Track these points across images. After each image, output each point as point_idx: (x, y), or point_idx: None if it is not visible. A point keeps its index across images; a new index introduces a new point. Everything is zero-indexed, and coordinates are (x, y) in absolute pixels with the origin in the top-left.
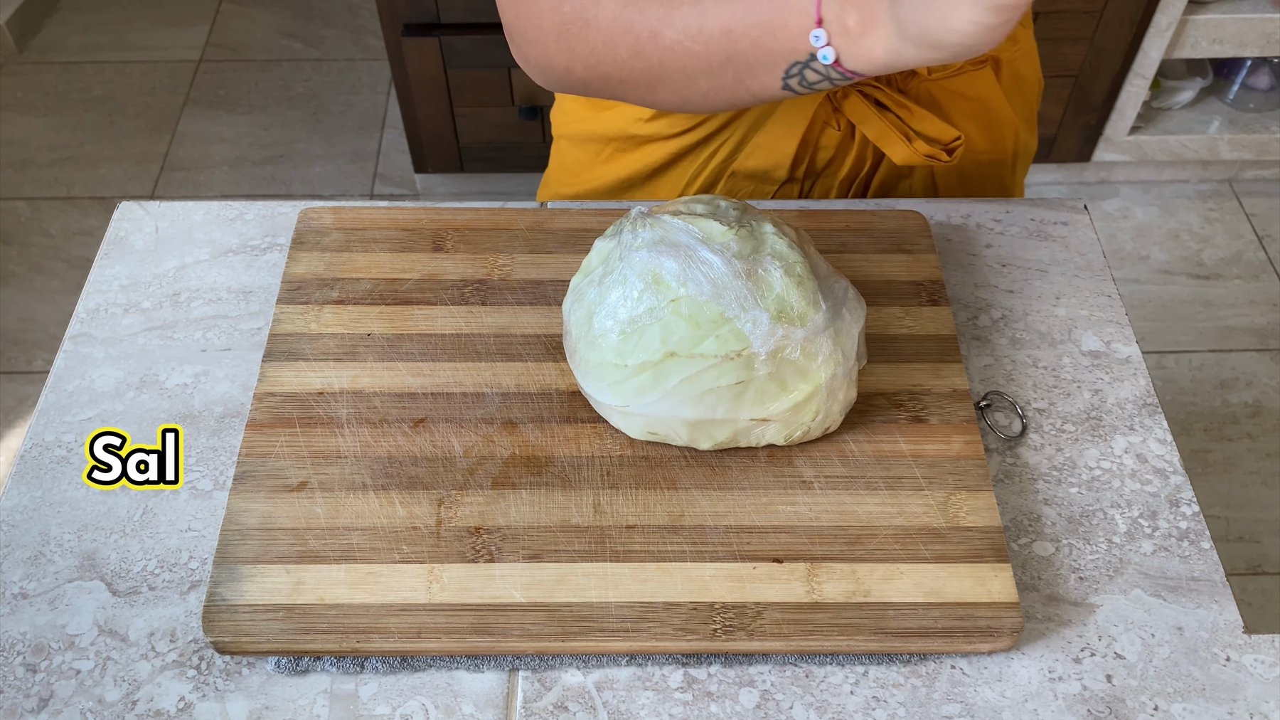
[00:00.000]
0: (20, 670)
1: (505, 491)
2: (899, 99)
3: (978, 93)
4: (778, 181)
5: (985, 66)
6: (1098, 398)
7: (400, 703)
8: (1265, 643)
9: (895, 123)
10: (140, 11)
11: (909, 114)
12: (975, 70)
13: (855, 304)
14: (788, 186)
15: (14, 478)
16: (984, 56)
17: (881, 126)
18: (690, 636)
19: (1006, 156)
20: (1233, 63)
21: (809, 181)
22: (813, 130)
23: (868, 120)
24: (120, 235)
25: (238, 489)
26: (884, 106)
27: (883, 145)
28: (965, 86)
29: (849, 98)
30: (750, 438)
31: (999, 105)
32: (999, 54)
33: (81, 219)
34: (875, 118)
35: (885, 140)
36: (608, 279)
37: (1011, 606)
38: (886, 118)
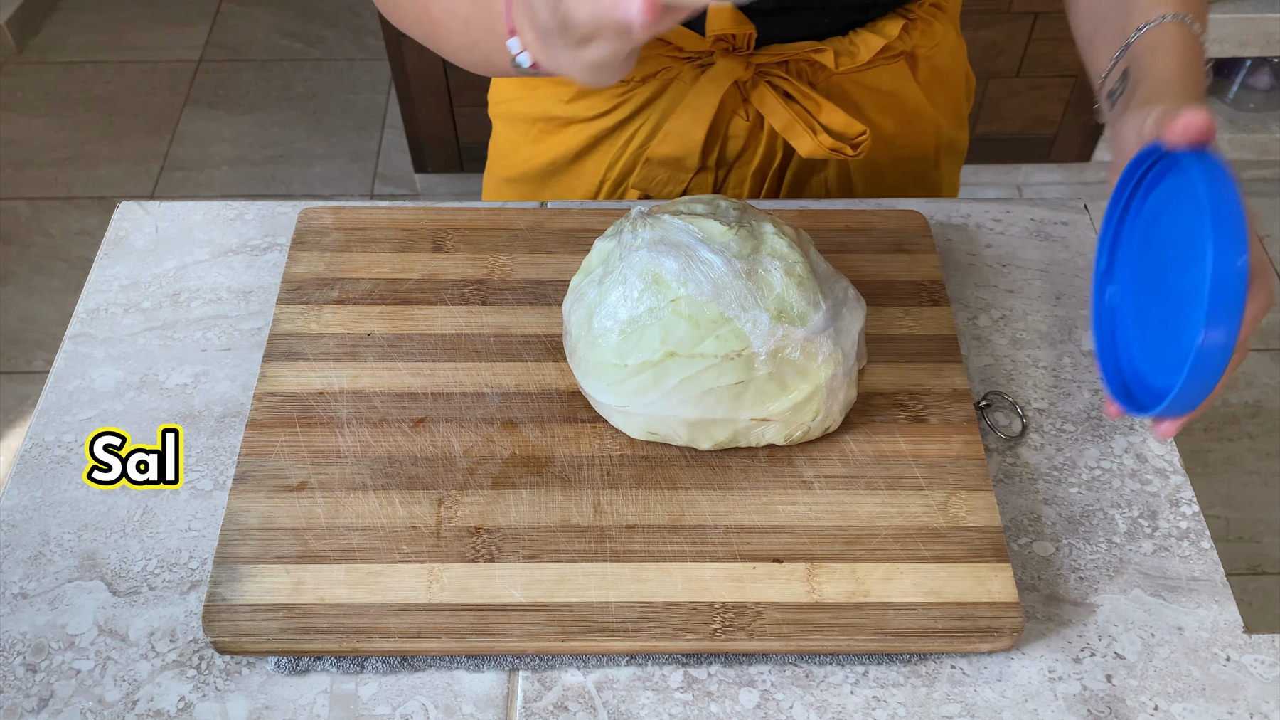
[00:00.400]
0: (20, 670)
1: (505, 491)
2: (806, 91)
3: (890, 86)
4: (690, 170)
5: (899, 60)
6: (1098, 397)
7: (400, 703)
8: (1265, 643)
9: (801, 114)
10: (140, 11)
11: (815, 106)
12: (887, 64)
13: (855, 304)
14: (701, 176)
15: (14, 478)
16: (896, 50)
17: (788, 118)
18: (690, 636)
19: (928, 151)
20: (1233, 63)
21: (721, 171)
22: (721, 118)
23: (774, 111)
24: (120, 235)
25: (238, 489)
26: (792, 98)
27: (788, 137)
28: (876, 80)
29: (757, 87)
30: (750, 438)
31: (914, 99)
32: (914, 49)
33: (81, 219)
34: (782, 109)
35: (791, 132)
36: (608, 279)
37: (1011, 606)
38: (793, 109)
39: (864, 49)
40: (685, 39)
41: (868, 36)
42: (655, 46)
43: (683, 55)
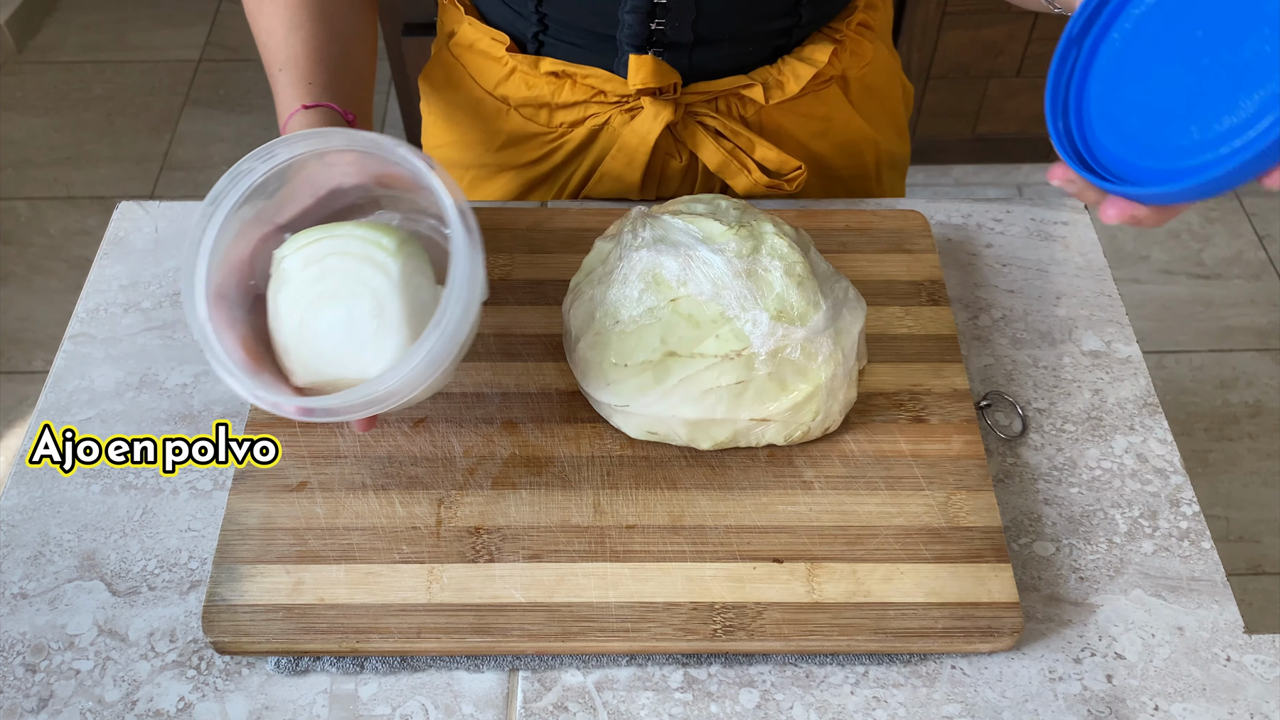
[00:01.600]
0: (20, 670)
1: (505, 491)
2: (737, 129)
3: (824, 112)
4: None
5: (830, 85)
6: (1098, 397)
7: (400, 703)
8: (1265, 643)
9: (735, 153)
10: (140, 11)
11: (749, 144)
12: (818, 90)
13: (855, 304)
14: None
15: (14, 478)
16: (827, 75)
17: (722, 158)
18: (690, 636)
19: (867, 169)
20: None
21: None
22: (655, 161)
23: (708, 151)
24: (120, 235)
25: (237, 489)
26: (724, 135)
27: (724, 176)
28: (810, 108)
29: (688, 128)
30: (750, 437)
31: (849, 122)
32: (846, 71)
33: (81, 219)
34: (714, 149)
35: (726, 171)
36: (608, 279)
37: (1012, 606)
38: (725, 146)
39: (792, 80)
40: (608, 83)
41: (796, 65)
42: (580, 92)
43: (608, 100)
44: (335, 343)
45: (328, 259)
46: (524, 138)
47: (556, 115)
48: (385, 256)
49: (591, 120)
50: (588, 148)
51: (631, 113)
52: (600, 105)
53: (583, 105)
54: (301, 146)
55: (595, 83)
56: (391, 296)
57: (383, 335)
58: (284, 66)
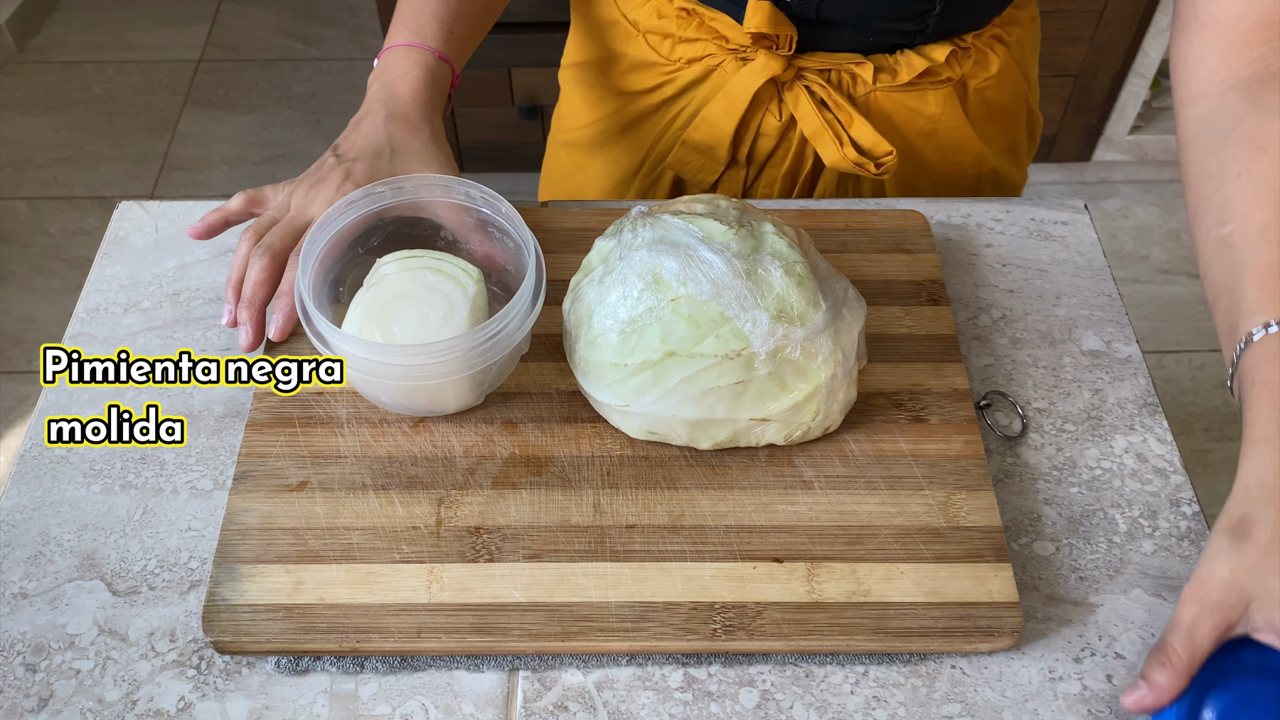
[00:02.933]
0: (20, 670)
1: (505, 491)
2: (840, 101)
3: (933, 112)
4: (721, 161)
5: (945, 85)
6: (1098, 397)
7: (400, 702)
8: None
9: (832, 123)
10: (140, 11)
11: (847, 118)
12: (931, 88)
13: (855, 304)
14: (733, 171)
15: (14, 478)
16: (942, 75)
17: (818, 124)
18: (690, 636)
19: (967, 182)
20: None
21: (753, 169)
22: (752, 113)
23: (806, 115)
24: (120, 235)
25: (238, 489)
26: (826, 106)
27: (815, 144)
28: (918, 102)
29: (793, 89)
30: (750, 437)
31: (958, 128)
32: (964, 77)
33: (81, 219)
34: (814, 114)
35: (819, 139)
36: (608, 278)
37: (1012, 606)
38: (825, 116)
39: (905, 69)
40: (731, 29)
41: (912, 57)
42: (704, 32)
43: (727, 45)
44: (406, 330)
45: (423, 271)
46: (644, 64)
47: (678, 49)
48: (468, 280)
49: (708, 59)
50: (697, 86)
51: (744, 61)
52: (718, 48)
53: (703, 43)
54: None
55: (719, 26)
56: (462, 307)
57: (445, 331)
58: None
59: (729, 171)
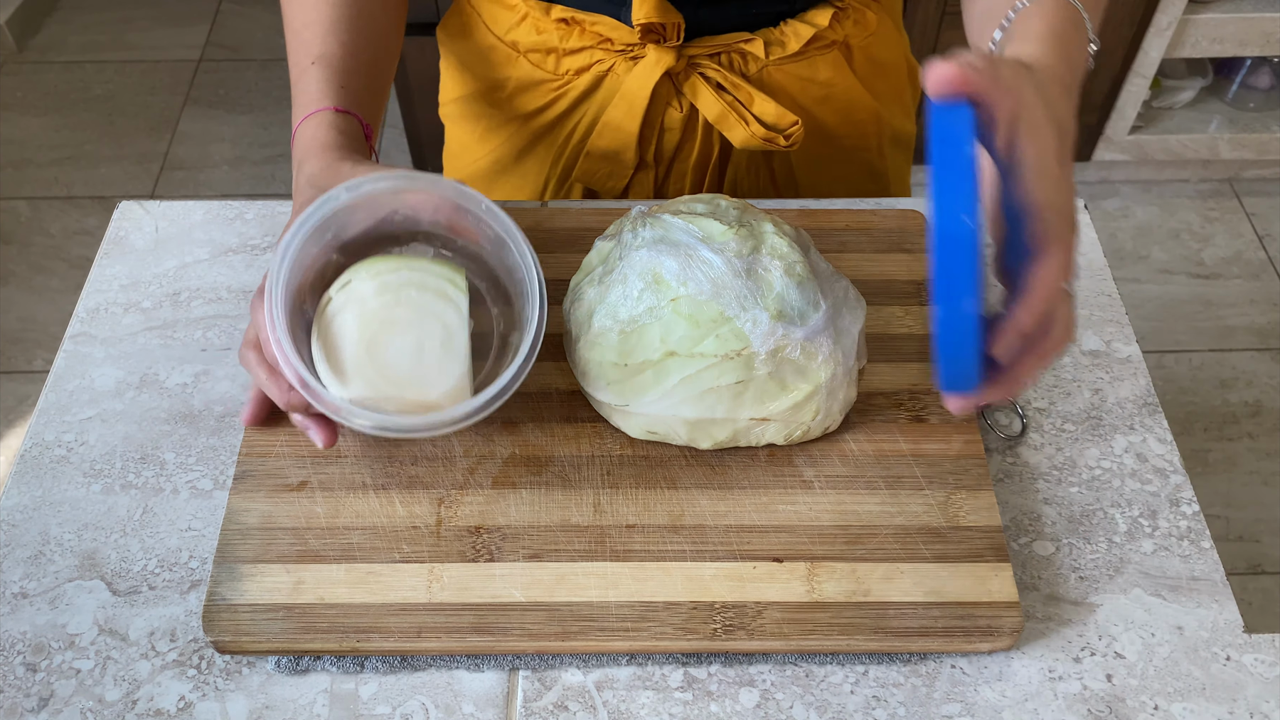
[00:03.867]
0: (20, 670)
1: (505, 491)
2: (737, 82)
3: (825, 77)
4: (629, 165)
5: (832, 49)
6: (1098, 397)
7: (400, 702)
8: (1265, 642)
9: (734, 105)
10: (140, 11)
11: (748, 97)
12: (820, 54)
13: (855, 303)
14: (642, 174)
15: (14, 477)
16: (828, 39)
17: (720, 108)
18: (690, 636)
19: (869, 141)
20: (1233, 62)
21: (661, 168)
22: (654, 110)
23: (707, 102)
24: (120, 235)
25: (238, 488)
26: (724, 89)
27: (721, 128)
28: (810, 71)
29: (689, 79)
30: (750, 437)
31: (851, 89)
32: (847, 39)
33: (81, 219)
34: (714, 99)
35: (724, 123)
36: (608, 278)
37: (1011, 606)
38: (725, 99)
39: (793, 38)
40: (615, 30)
41: (797, 26)
42: (587, 39)
43: (614, 48)
44: (403, 365)
45: (405, 289)
46: (531, 84)
47: (563, 62)
48: (457, 294)
49: (596, 66)
50: (591, 95)
51: (635, 60)
52: (605, 52)
53: (589, 51)
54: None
55: (602, 30)
56: (460, 330)
57: (447, 363)
58: (317, 61)
59: (638, 175)
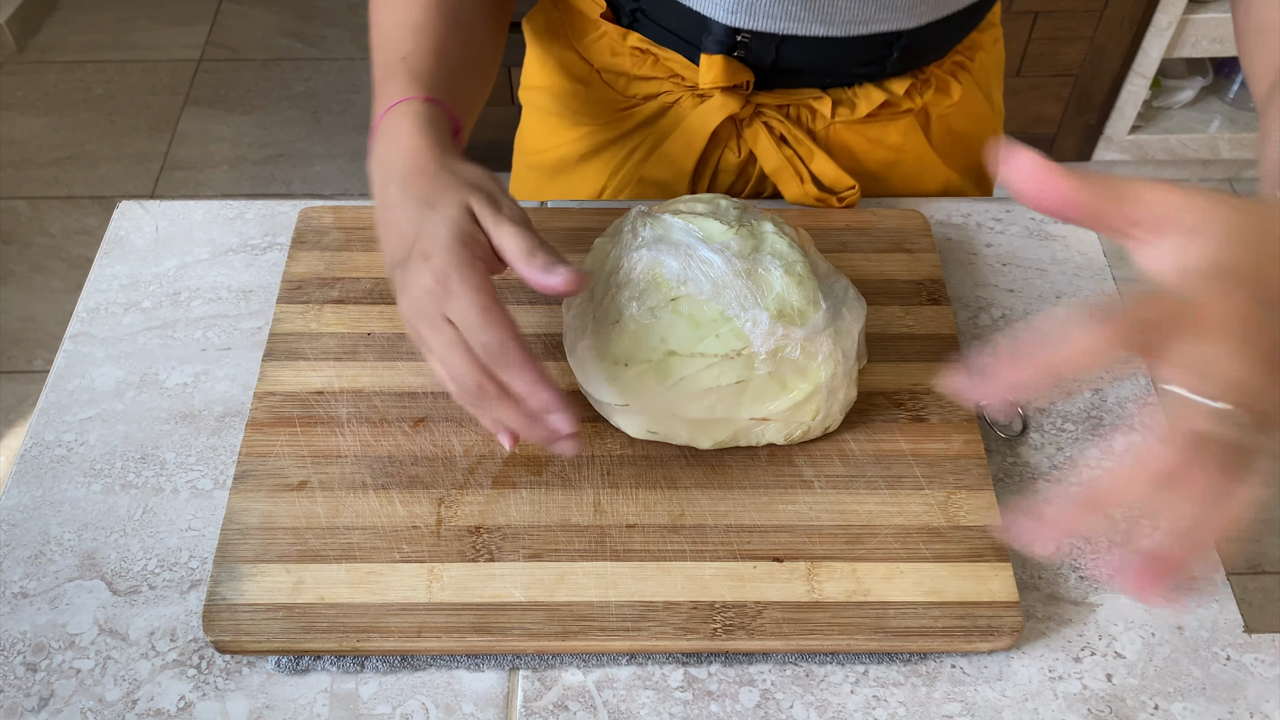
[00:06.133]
0: (20, 669)
1: (505, 491)
2: (800, 137)
3: (894, 141)
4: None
5: (907, 116)
6: (1098, 397)
7: (400, 702)
8: (1265, 642)
9: (792, 159)
10: (140, 11)
11: (808, 154)
12: (893, 119)
13: (855, 303)
14: None
15: (14, 477)
16: (902, 107)
17: (778, 161)
18: (690, 636)
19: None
20: (1233, 62)
21: None
22: (711, 150)
23: (766, 152)
24: (120, 235)
25: (238, 488)
26: (786, 141)
27: (776, 181)
28: (879, 133)
29: (752, 125)
30: (750, 437)
31: (921, 156)
32: (927, 105)
33: (81, 218)
34: (774, 151)
35: (780, 176)
36: (608, 278)
37: (1012, 606)
38: (785, 152)
39: (864, 101)
40: (686, 69)
41: (870, 90)
42: (658, 70)
43: (684, 84)
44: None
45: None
46: (602, 99)
47: (633, 86)
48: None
49: (664, 97)
50: (655, 122)
51: (702, 97)
52: (675, 85)
53: (659, 81)
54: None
55: (674, 66)
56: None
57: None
58: (408, 56)
59: None
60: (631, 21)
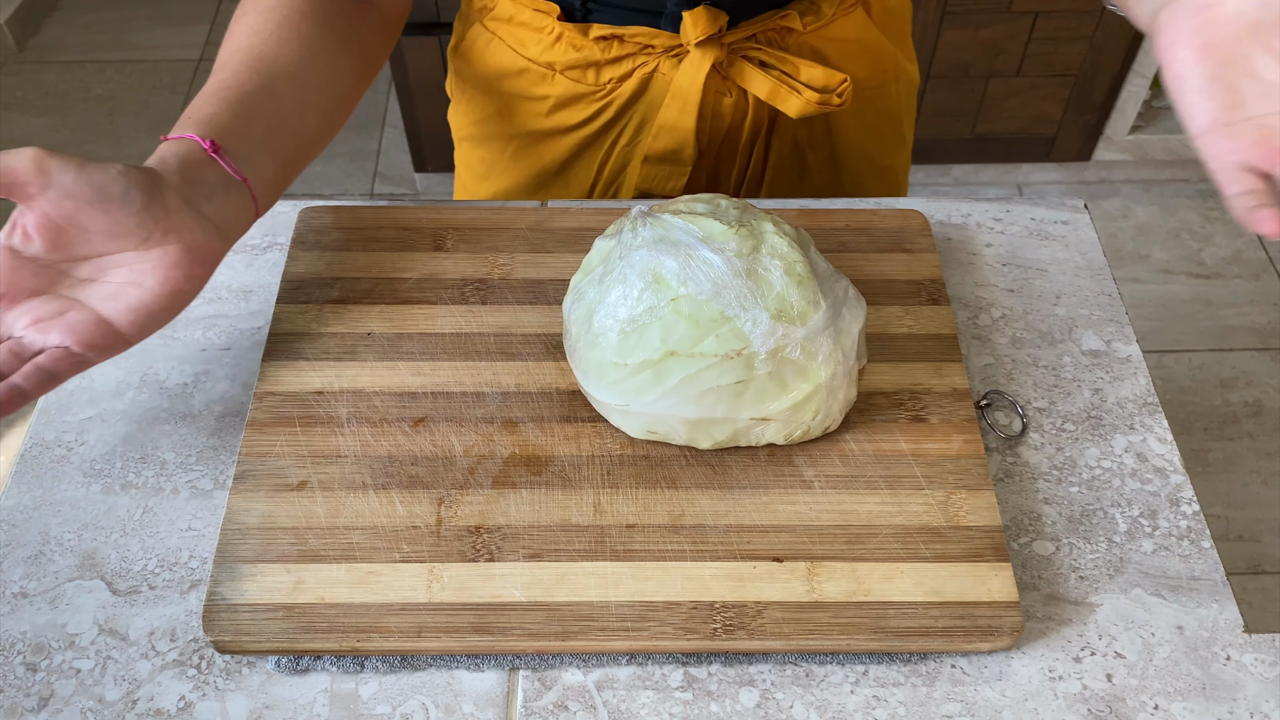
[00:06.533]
0: (20, 669)
1: (505, 491)
2: (781, 56)
3: (854, 34)
4: (688, 162)
5: (856, 8)
6: (1098, 397)
7: (400, 702)
8: (1265, 642)
9: (782, 79)
10: (140, 11)
11: (794, 68)
12: (847, 14)
13: (855, 303)
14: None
15: (14, 477)
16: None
17: (770, 85)
18: (690, 636)
19: (891, 88)
20: None
21: (711, 154)
22: (706, 103)
23: (756, 82)
24: None
25: (238, 488)
26: (769, 65)
27: (776, 102)
28: (841, 32)
29: (734, 65)
30: (750, 437)
31: (874, 41)
32: None
33: None
34: (762, 78)
35: (776, 97)
36: (608, 278)
37: (1012, 606)
38: (773, 75)
39: (825, 4)
40: (655, 37)
41: None
42: (629, 48)
43: (657, 52)
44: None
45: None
46: (572, 99)
47: (604, 72)
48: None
49: (640, 70)
50: (638, 100)
51: (678, 58)
52: (649, 55)
53: (631, 58)
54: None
55: (644, 39)
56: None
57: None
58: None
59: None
60: (586, 14)
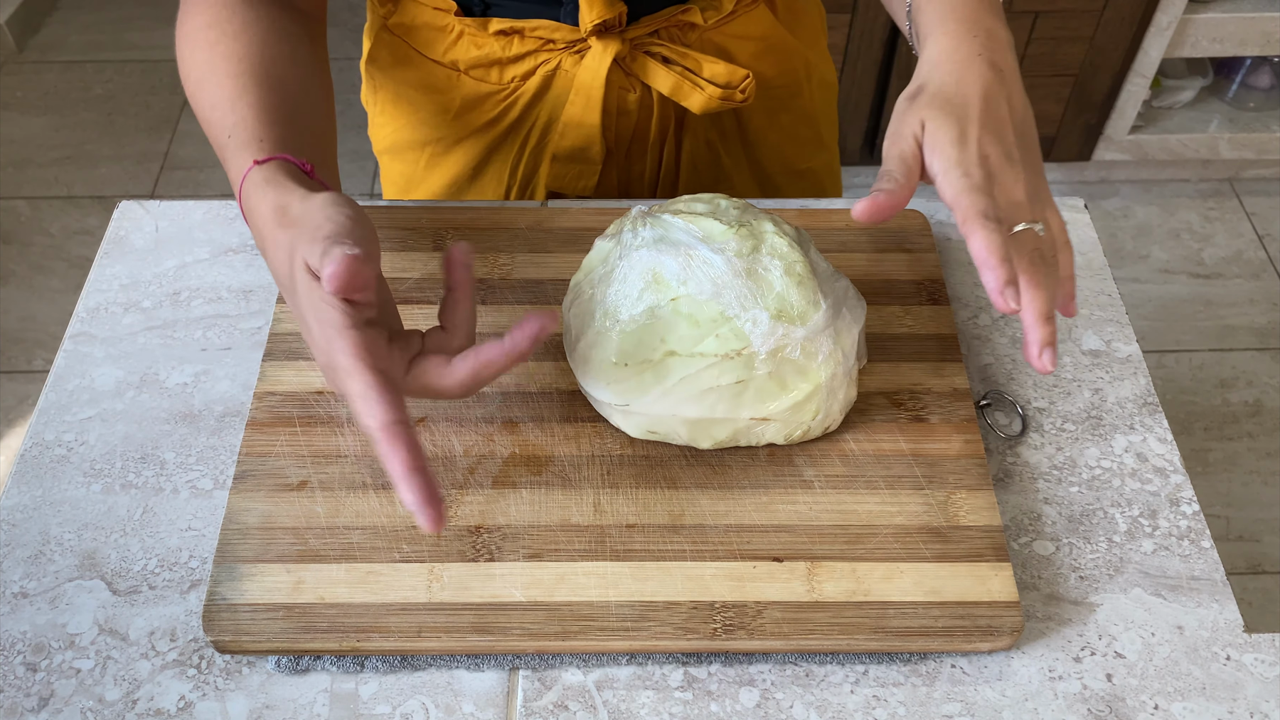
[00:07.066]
0: (20, 669)
1: (505, 490)
2: (682, 51)
3: (758, 32)
4: (597, 160)
5: (759, 5)
6: (1098, 397)
7: (400, 702)
8: (1265, 642)
9: (685, 74)
10: (140, 11)
11: (696, 64)
12: (749, 11)
13: (855, 303)
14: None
15: (14, 477)
16: None
17: (673, 80)
18: (690, 635)
19: (802, 87)
20: (1233, 62)
21: (621, 152)
22: (609, 98)
23: (659, 77)
24: (120, 234)
25: (238, 488)
26: (671, 61)
27: (678, 98)
28: (743, 28)
29: (637, 60)
30: (750, 437)
31: (781, 39)
32: None
33: (81, 218)
34: (665, 73)
35: (679, 93)
36: (608, 278)
37: (1012, 605)
38: (675, 71)
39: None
40: (556, 31)
41: None
42: (530, 44)
43: (557, 47)
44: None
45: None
46: (478, 99)
47: (507, 71)
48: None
49: (542, 68)
50: (542, 97)
51: (580, 54)
52: (550, 52)
53: (533, 55)
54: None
55: (544, 33)
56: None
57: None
58: (233, 131)
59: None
60: (485, 8)
